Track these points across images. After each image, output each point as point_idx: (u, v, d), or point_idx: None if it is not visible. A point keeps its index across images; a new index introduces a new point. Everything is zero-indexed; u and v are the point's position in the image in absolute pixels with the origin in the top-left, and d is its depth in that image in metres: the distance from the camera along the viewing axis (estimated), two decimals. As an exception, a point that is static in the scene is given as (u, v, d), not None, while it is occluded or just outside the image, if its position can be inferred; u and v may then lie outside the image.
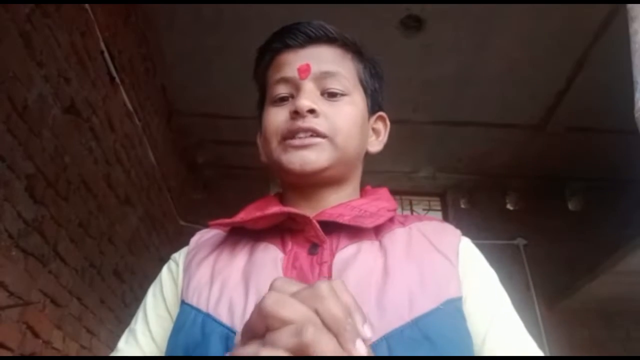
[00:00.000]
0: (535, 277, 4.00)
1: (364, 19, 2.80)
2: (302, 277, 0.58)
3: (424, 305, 0.55)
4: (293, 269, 0.59)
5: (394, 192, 0.76)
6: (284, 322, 0.37)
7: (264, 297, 0.39)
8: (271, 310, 0.37)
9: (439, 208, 4.79)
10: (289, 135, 0.65)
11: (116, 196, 2.77)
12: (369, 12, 2.81)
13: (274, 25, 0.73)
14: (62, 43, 2.09)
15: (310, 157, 0.64)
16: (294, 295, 0.39)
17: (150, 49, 3.12)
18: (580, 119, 3.66)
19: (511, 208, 4.64)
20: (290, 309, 0.37)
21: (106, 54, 2.48)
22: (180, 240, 4.23)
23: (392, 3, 2.80)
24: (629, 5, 1.02)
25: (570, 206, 4.62)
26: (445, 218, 4.57)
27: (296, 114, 0.65)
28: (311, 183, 0.67)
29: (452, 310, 0.57)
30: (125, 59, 2.77)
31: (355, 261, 0.58)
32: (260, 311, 0.38)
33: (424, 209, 4.85)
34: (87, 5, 2.27)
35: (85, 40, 2.30)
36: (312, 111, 0.64)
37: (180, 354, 0.56)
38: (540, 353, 0.59)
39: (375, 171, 0.80)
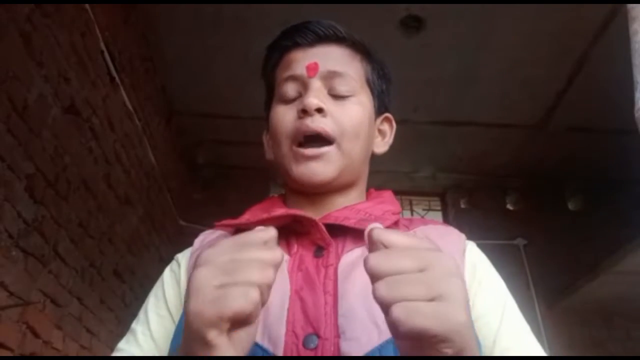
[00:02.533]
0: (535, 277, 4.00)
1: (364, 19, 2.80)
2: (307, 279, 0.58)
3: None
4: (299, 271, 0.59)
5: (394, 192, 0.76)
6: None
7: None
8: None
9: (439, 208, 4.79)
10: (298, 136, 0.65)
11: (116, 196, 2.77)
12: (368, 12, 2.81)
13: (274, 25, 0.73)
14: (62, 43, 2.09)
15: (319, 169, 0.64)
16: None
17: (150, 49, 3.12)
18: (580, 119, 3.66)
19: (511, 208, 4.64)
20: None
21: (106, 54, 2.48)
22: (180, 240, 4.23)
23: (392, 3, 2.80)
24: (629, 5, 1.02)
25: (570, 206, 4.62)
26: (446, 218, 4.58)
27: (304, 112, 0.65)
28: (318, 191, 0.68)
29: None
30: (125, 59, 2.77)
31: (360, 264, 0.58)
32: None
33: (424, 209, 4.84)
34: (87, 5, 2.27)
35: (85, 40, 2.30)
36: (319, 110, 0.65)
37: None
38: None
39: (375, 171, 0.80)
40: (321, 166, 0.64)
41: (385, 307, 0.38)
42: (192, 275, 0.42)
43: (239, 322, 0.40)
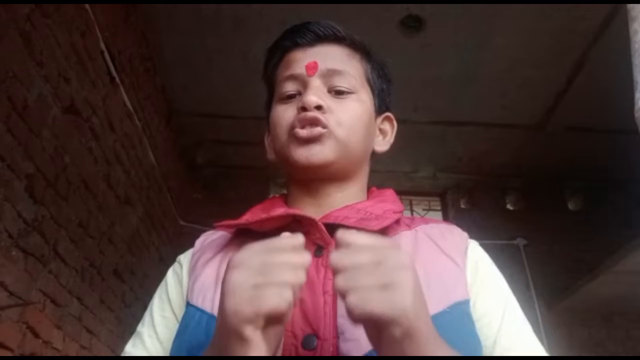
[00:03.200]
0: (535, 277, 4.00)
1: (364, 19, 2.80)
2: (307, 279, 0.57)
3: (431, 308, 0.55)
4: None
5: (395, 192, 0.76)
6: None
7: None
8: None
9: (439, 208, 4.79)
10: (295, 125, 0.66)
11: (116, 196, 2.77)
12: (368, 12, 2.81)
13: (274, 25, 0.74)
14: (62, 43, 2.09)
15: (316, 149, 0.64)
16: None
17: (150, 49, 3.12)
18: (580, 119, 3.66)
19: (511, 208, 4.64)
20: None
21: (106, 54, 2.48)
22: (180, 240, 4.20)
23: (392, 3, 2.80)
24: (629, 5, 1.02)
25: (570, 206, 4.62)
26: (445, 218, 4.58)
27: (303, 109, 0.65)
28: (317, 178, 0.68)
29: (460, 313, 0.57)
30: (125, 59, 2.77)
31: None
32: None
33: (424, 209, 4.85)
34: (87, 5, 2.28)
35: (85, 40, 2.30)
36: (319, 107, 0.65)
37: (184, 354, 0.56)
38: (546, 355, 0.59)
39: (375, 171, 0.81)
40: (318, 147, 0.65)
41: (343, 296, 0.42)
42: (227, 276, 0.44)
43: (273, 319, 0.42)
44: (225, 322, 0.43)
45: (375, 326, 0.42)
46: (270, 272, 0.43)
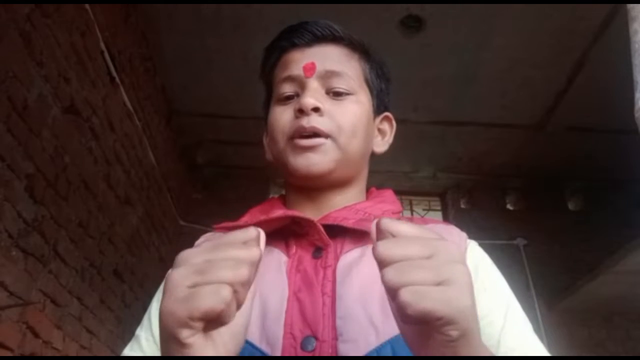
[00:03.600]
0: (535, 277, 4.00)
1: (364, 19, 2.80)
2: (306, 281, 0.58)
3: None
4: (297, 272, 0.59)
5: (394, 192, 0.76)
6: None
7: None
8: None
9: (439, 208, 4.79)
10: (295, 134, 0.65)
11: (116, 196, 2.77)
12: (368, 12, 2.81)
13: (274, 25, 0.73)
14: (62, 43, 2.09)
15: (316, 159, 0.64)
16: None
17: (150, 49, 3.12)
18: (580, 119, 3.66)
19: (511, 208, 4.64)
20: None
21: (106, 54, 2.49)
22: (180, 240, 4.19)
23: (392, 3, 2.80)
24: (629, 5, 1.02)
25: (570, 206, 4.62)
26: (445, 218, 4.58)
27: (301, 112, 0.65)
28: (317, 185, 0.67)
29: None
30: (125, 59, 2.77)
31: (359, 265, 0.58)
32: None
33: (424, 209, 4.85)
34: (87, 5, 2.28)
35: (85, 40, 2.30)
36: (316, 109, 0.64)
37: None
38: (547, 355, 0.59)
39: (375, 171, 0.81)
40: (318, 157, 0.64)
41: (393, 291, 0.38)
42: (167, 275, 0.42)
43: (212, 321, 0.39)
44: (163, 325, 0.40)
45: (428, 325, 0.38)
46: (209, 270, 0.40)
